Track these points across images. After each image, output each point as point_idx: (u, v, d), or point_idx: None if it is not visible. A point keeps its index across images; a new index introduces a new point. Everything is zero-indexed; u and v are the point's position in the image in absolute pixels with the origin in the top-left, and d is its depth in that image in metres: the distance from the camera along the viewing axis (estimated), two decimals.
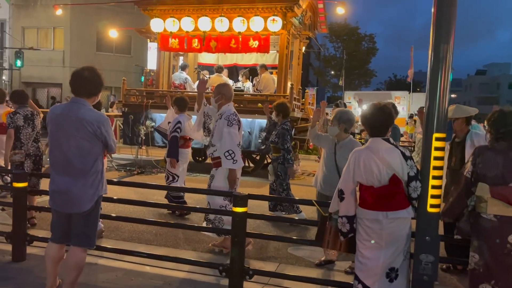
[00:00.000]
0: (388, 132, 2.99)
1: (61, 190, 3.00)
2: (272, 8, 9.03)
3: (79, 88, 3.04)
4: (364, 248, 2.85)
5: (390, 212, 2.78)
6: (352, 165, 2.85)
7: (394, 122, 3.33)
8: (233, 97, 4.42)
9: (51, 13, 18.44)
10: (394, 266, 2.82)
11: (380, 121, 2.93)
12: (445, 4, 2.83)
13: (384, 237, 2.79)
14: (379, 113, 2.94)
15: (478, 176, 2.83)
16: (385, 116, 2.94)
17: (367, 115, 2.99)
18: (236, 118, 4.24)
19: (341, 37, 36.83)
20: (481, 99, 62.58)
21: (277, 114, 5.88)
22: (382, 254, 2.80)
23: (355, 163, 2.84)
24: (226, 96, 4.30)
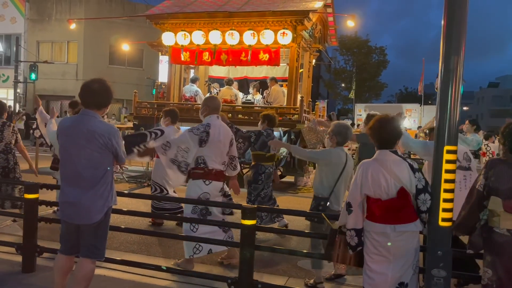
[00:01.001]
0: (396, 145, 2.97)
1: (71, 202, 3.02)
2: (282, 22, 9.09)
3: (89, 100, 3.07)
4: (372, 262, 2.80)
5: (398, 225, 2.75)
6: (360, 178, 2.83)
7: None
8: (219, 108, 4.38)
9: (65, 27, 18.84)
10: (403, 281, 2.77)
11: (389, 134, 2.91)
12: (456, 16, 2.83)
13: (392, 251, 2.75)
14: (388, 125, 2.92)
15: (491, 190, 2.78)
16: (394, 128, 2.92)
17: (375, 128, 2.96)
18: (201, 129, 4.12)
19: (351, 49, 36.89)
20: (494, 111, 61.92)
21: (262, 122, 5.80)
22: (391, 269, 2.76)
23: (363, 176, 2.81)
24: (210, 107, 4.31)
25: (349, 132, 4.08)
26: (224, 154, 4.29)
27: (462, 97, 2.94)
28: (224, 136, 4.27)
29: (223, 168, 4.31)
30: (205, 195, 4.17)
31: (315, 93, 34.96)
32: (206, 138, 4.11)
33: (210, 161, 4.20)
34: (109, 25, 22.33)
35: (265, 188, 5.65)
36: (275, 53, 9.22)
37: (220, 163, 4.26)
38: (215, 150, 4.20)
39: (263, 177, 5.63)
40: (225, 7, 9.80)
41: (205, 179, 4.19)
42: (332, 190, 3.91)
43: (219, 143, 4.21)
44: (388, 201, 2.77)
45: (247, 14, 9.33)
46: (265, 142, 5.56)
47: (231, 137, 4.39)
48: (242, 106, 10.03)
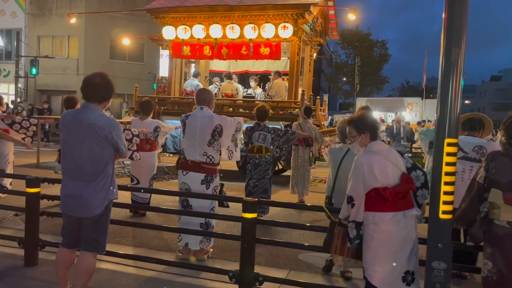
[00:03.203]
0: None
1: (72, 195, 3.04)
2: (283, 15, 9.05)
3: (90, 94, 3.08)
4: (377, 255, 2.82)
5: (406, 211, 2.85)
6: (363, 172, 2.83)
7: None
8: (205, 100, 4.37)
9: (66, 22, 18.79)
10: (409, 269, 2.83)
11: (376, 123, 3.03)
12: (456, 8, 2.80)
13: (401, 239, 2.81)
14: (370, 115, 3.07)
15: (491, 182, 2.78)
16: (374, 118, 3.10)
17: (366, 120, 3.00)
18: (181, 119, 4.40)
19: (352, 43, 36.76)
20: (496, 105, 61.71)
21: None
22: (398, 258, 2.81)
23: (368, 170, 2.82)
24: (196, 99, 4.43)
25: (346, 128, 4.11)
26: (205, 144, 4.24)
27: (464, 91, 2.93)
28: (203, 126, 4.23)
29: (204, 160, 4.26)
30: (183, 185, 4.33)
31: (316, 87, 34.80)
32: (183, 128, 4.35)
33: (187, 152, 4.32)
34: (109, 20, 22.27)
35: (253, 178, 5.93)
36: (276, 47, 9.19)
37: (199, 154, 4.25)
38: (192, 141, 4.28)
39: (249, 167, 5.96)
40: (225, 0, 9.75)
41: (182, 169, 4.33)
42: (333, 188, 3.98)
43: (196, 133, 4.24)
44: (396, 188, 2.84)
45: (247, 8, 9.29)
46: (250, 136, 5.96)
47: (215, 127, 4.26)
48: (243, 100, 10.02)
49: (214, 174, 4.37)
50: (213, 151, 4.31)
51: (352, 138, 3.02)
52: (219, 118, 4.36)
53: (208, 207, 4.31)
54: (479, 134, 4.09)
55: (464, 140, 4.01)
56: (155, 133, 6.06)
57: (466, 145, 3.96)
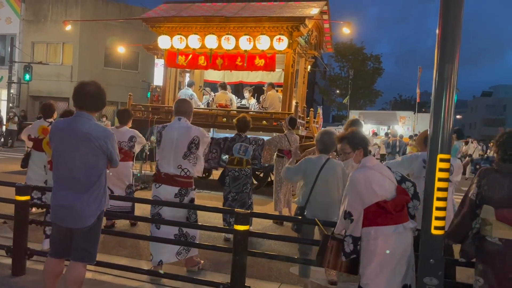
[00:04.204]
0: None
1: (64, 205, 3.00)
2: (279, 28, 9.11)
3: (84, 103, 3.06)
4: (379, 269, 2.82)
5: (405, 223, 2.89)
6: (360, 187, 2.85)
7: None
8: (182, 111, 4.24)
9: (61, 29, 18.72)
10: (407, 283, 2.84)
11: (367, 139, 3.09)
12: (450, 24, 2.84)
13: (401, 252, 2.84)
14: (361, 132, 3.13)
15: (483, 198, 2.79)
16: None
17: (359, 136, 3.06)
18: (157, 130, 4.24)
19: (346, 57, 37.10)
20: (487, 120, 62.39)
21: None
22: (397, 271, 2.83)
23: (365, 185, 2.84)
24: (173, 110, 4.31)
25: (329, 139, 4.04)
26: (180, 157, 4.08)
27: (455, 106, 2.96)
28: (180, 138, 4.09)
29: (178, 173, 4.09)
30: (155, 198, 4.15)
31: (310, 99, 35.00)
32: (159, 139, 4.18)
33: (161, 164, 4.15)
34: (105, 27, 22.29)
35: (232, 191, 5.76)
36: (270, 59, 9.24)
37: (173, 167, 4.08)
38: (166, 153, 4.11)
39: (228, 179, 5.78)
40: (221, 11, 9.82)
41: (155, 181, 4.19)
42: (308, 199, 3.92)
43: (171, 145, 4.09)
44: (395, 200, 2.88)
45: (243, 19, 9.34)
46: (230, 147, 5.78)
47: (192, 139, 4.11)
48: (237, 111, 10.02)
49: (190, 187, 4.18)
50: (188, 164, 4.12)
51: (346, 154, 3.02)
52: (197, 130, 4.18)
53: (182, 217, 4.15)
54: None
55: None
56: (130, 143, 5.91)
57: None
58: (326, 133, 4.15)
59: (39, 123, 6.02)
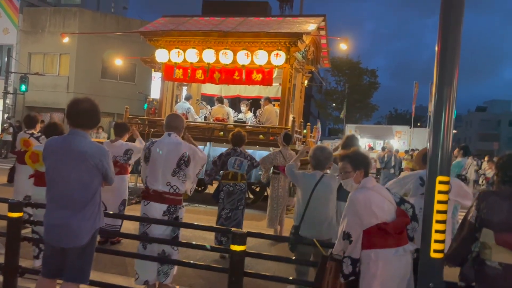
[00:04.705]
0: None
1: (58, 224, 2.95)
2: (276, 43, 9.16)
3: (78, 120, 3.03)
4: None
5: (406, 246, 2.87)
6: (360, 208, 2.83)
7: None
8: (172, 126, 4.14)
9: (58, 40, 18.77)
10: None
11: (369, 160, 3.09)
12: (449, 43, 2.84)
13: (401, 275, 2.82)
14: (364, 152, 3.11)
15: (483, 222, 2.77)
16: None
17: (361, 157, 3.04)
18: (146, 146, 4.17)
19: (343, 71, 37.34)
20: (482, 135, 62.83)
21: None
22: None
23: (365, 206, 2.82)
24: (164, 125, 4.21)
25: (322, 155, 3.98)
26: (169, 174, 3.96)
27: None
28: (169, 154, 3.97)
29: (167, 190, 3.96)
30: (144, 216, 4.04)
31: (306, 113, 35.13)
32: (148, 155, 4.06)
33: (149, 181, 4.03)
34: (102, 39, 22.33)
35: (225, 208, 5.67)
36: (268, 73, 9.27)
37: (162, 183, 3.96)
38: (155, 169, 3.99)
39: (222, 195, 5.71)
40: (219, 26, 9.86)
41: (143, 199, 4.08)
42: (302, 217, 3.86)
43: (160, 161, 3.98)
44: (395, 222, 2.86)
45: (241, 34, 9.38)
46: (225, 161, 5.72)
47: (182, 155, 3.99)
48: (234, 125, 10.00)
49: (178, 205, 4.04)
50: (177, 181, 3.99)
51: (346, 173, 2.99)
52: (188, 147, 4.07)
53: (169, 236, 4.01)
54: None
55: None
56: (126, 156, 5.87)
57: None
58: (319, 148, 4.09)
59: (21, 136, 5.95)
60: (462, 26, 2.87)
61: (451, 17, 2.83)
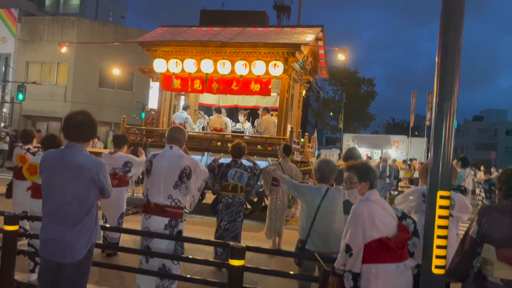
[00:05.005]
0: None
1: (54, 239, 2.92)
2: (274, 53, 9.18)
3: (74, 134, 3.01)
4: None
5: (406, 262, 2.84)
6: (363, 221, 2.79)
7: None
8: (174, 139, 4.12)
9: (56, 49, 18.75)
10: None
11: (376, 173, 3.04)
12: (449, 62, 2.84)
13: None
14: (372, 165, 3.14)
15: (484, 237, 2.74)
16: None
17: (369, 169, 3.00)
18: (148, 158, 4.15)
19: (340, 80, 37.46)
20: (479, 144, 63.03)
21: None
22: None
23: (368, 219, 2.79)
24: (166, 138, 4.18)
25: (327, 168, 3.96)
26: (170, 186, 3.93)
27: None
28: (170, 167, 3.96)
29: (169, 203, 3.93)
30: (145, 229, 4.00)
31: (303, 122, 35.18)
32: (149, 168, 4.04)
33: (151, 194, 3.99)
34: (100, 48, 22.35)
35: (224, 219, 5.64)
36: (266, 84, 9.28)
37: (163, 196, 3.93)
38: (157, 182, 3.97)
39: (221, 206, 5.68)
40: (217, 36, 9.89)
41: (145, 212, 4.04)
42: (309, 231, 3.82)
43: (162, 174, 3.96)
44: (397, 237, 2.82)
45: (239, 45, 9.41)
46: (224, 173, 5.68)
47: (184, 168, 3.96)
48: (232, 135, 9.99)
49: (180, 218, 4.00)
50: (179, 194, 3.96)
51: (351, 184, 2.96)
52: (189, 160, 4.05)
53: (171, 250, 3.96)
54: None
55: None
56: (125, 168, 5.83)
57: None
58: (324, 162, 4.06)
59: (17, 151, 5.91)
60: (462, 38, 2.86)
61: (451, 30, 2.83)
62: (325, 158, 4.37)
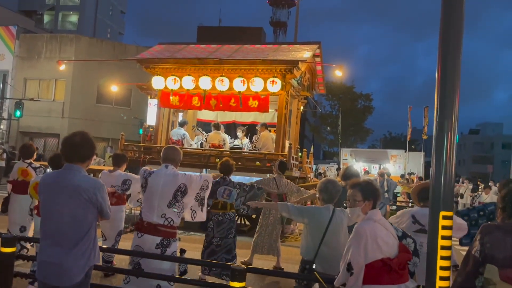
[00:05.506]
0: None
1: (51, 262, 2.86)
2: (272, 70, 9.23)
3: (71, 155, 2.98)
4: None
5: (407, 283, 2.81)
6: (366, 240, 2.77)
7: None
8: (169, 158, 4.15)
9: (54, 65, 18.85)
10: None
11: (380, 192, 3.04)
12: (448, 83, 2.85)
13: None
14: (376, 183, 3.05)
15: (486, 257, 2.71)
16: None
17: (373, 187, 2.99)
18: (143, 175, 4.12)
19: (337, 95, 37.68)
20: (476, 158, 63.22)
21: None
22: None
23: (371, 239, 2.76)
24: (161, 157, 4.20)
25: (335, 189, 3.96)
26: (164, 205, 3.94)
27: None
28: (165, 185, 3.97)
29: (162, 222, 3.91)
30: (137, 248, 3.99)
31: (300, 136, 35.30)
32: (144, 185, 4.07)
33: (144, 212, 4.01)
34: (98, 65, 22.45)
35: (215, 236, 5.64)
36: (264, 100, 9.30)
37: (157, 216, 3.91)
38: (151, 200, 3.99)
39: (211, 224, 5.68)
40: (215, 53, 9.95)
41: (137, 231, 4.03)
42: (317, 252, 3.77)
43: (157, 193, 3.97)
44: (398, 258, 2.80)
45: (237, 62, 9.46)
46: (214, 190, 5.60)
47: (179, 186, 3.99)
48: (230, 151, 9.98)
49: (172, 238, 3.98)
50: (173, 213, 3.97)
51: (355, 202, 2.94)
52: (184, 178, 4.08)
53: (166, 270, 3.92)
54: None
55: (420, 212, 3.87)
56: (124, 186, 5.78)
57: (422, 217, 3.78)
58: (330, 182, 4.04)
59: (18, 165, 5.89)
60: (461, 54, 2.89)
61: (450, 46, 2.86)
62: (331, 178, 4.33)
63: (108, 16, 45.84)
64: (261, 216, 7.02)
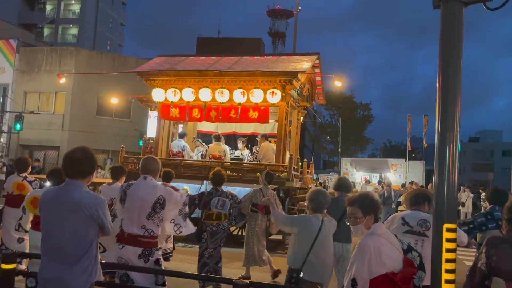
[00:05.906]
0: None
1: (52, 279, 2.84)
2: (272, 81, 9.26)
3: (72, 170, 2.98)
4: None
5: None
6: (369, 256, 2.74)
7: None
8: (149, 169, 4.17)
9: (54, 78, 18.90)
10: None
11: (379, 204, 3.00)
12: (450, 96, 2.85)
13: None
14: (374, 195, 3.03)
15: (492, 270, 2.68)
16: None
17: (372, 201, 2.96)
18: (122, 188, 4.19)
19: (336, 105, 37.74)
20: (476, 165, 63.13)
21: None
22: None
23: (375, 254, 2.73)
24: (141, 168, 4.25)
25: (325, 199, 4.03)
26: (144, 217, 3.99)
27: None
28: (144, 197, 4.01)
29: (142, 233, 3.98)
30: (120, 260, 4.03)
31: (300, 146, 35.30)
32: (124, 198, 4.11)
33: (125, 223, 4.05)
34: (98, 77, 22.49)
35: (209, 247, 5.67)
36: (264, 111, 9.32)
37: (137, 227, 3.98)
38: (131, 212, 4.03)
39: (206, 235, 5.71)
40: (215, 65, 9.99)
41: (118, 242, 4.08)
42: (305, 260, 3.80)
43: (136, 204, 4.01)
44: (403, 272, 2.75)
45: (237, 73, 9.49)
46: (207, 201, 5.71)
47: (157, 198, 4.03)
48: (231, 163, 9.97)
49: (154, 247, 4.06)
50: (152, 224, 4.03)
51: (356, 220, 2.89)
52: (163, 190, 4.16)
53: (153, 281, 3.95)
54: (424, 208, 4.03)
55: (410, 215, 4.00)
56: None
57: (411, 220, 3.92)
58: (320, 193, 4.13)
59: (14, 179, 5.85)
60: (461, 63, 2.89)
61: (451, 56, 2.87)
62: (320, 188, 4.45)
63: (108, 29, 46.12)
64: (246, 227, 6.98)
